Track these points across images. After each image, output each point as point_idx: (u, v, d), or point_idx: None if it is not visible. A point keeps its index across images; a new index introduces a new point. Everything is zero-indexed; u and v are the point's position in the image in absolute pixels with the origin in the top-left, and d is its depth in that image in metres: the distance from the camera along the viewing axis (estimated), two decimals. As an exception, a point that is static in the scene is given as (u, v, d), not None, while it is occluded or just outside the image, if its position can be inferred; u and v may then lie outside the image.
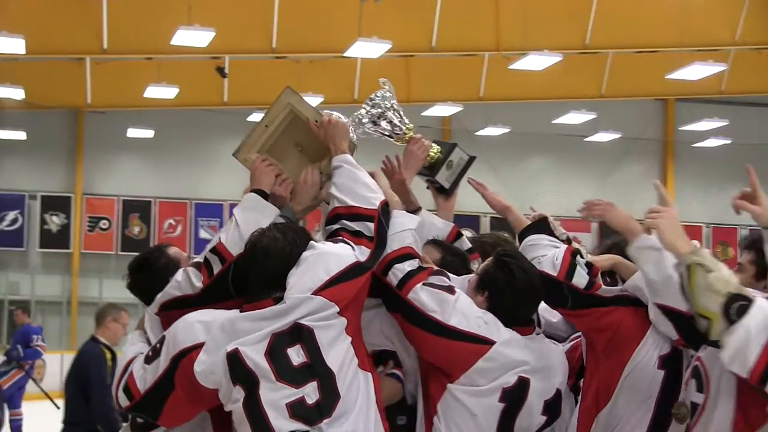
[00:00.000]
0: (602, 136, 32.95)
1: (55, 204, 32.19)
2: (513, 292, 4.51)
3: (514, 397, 4.44)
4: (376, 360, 4.70)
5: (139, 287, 5.02)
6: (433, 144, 5.67)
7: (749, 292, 3.62)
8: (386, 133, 5.48)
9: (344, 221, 4.57)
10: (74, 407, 9.16)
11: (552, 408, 4.59)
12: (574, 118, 30.89)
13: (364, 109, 5.44)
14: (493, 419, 4.43)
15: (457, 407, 4.40)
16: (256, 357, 4.11)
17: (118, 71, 27.70)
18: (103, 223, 32.37)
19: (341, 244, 4.43)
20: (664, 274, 4.27)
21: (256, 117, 5.59)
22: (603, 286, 4.72)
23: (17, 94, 26.76)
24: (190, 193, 32.29)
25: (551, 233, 4.98)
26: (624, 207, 4.63)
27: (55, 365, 27.53)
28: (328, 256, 4.30)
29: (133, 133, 30.72)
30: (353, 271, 4.32)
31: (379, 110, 5.41)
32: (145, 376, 4.44)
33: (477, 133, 32.23)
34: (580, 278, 4.68)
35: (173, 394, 4.32)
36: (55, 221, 32.16)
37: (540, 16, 25.49)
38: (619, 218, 4.75)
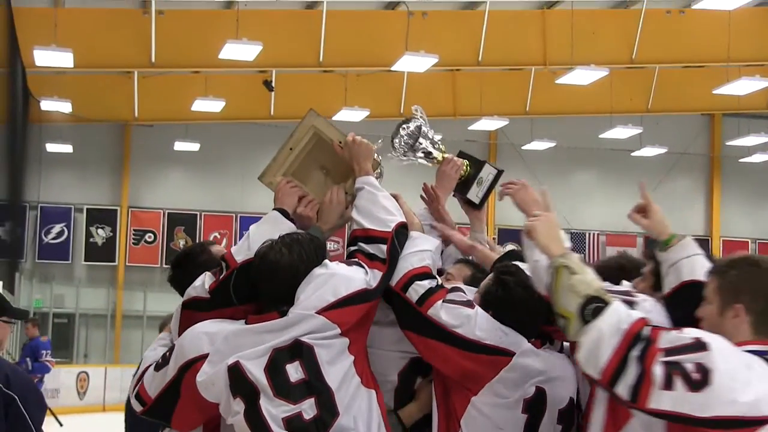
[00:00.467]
0: (648, 151, 32.77)
1: (101, 217, 32.43)
2: (514, 308, 4.50)
3: (535, 408, 4.43)
4: (415, 368, 4.69)
5: (177, 281, 5.05)
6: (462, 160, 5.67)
7: (610, 296, 3.69)
8: (420, 161, 5.50)
9: (361, 243, 4.60)
10: (140, 420, 9.04)
11: (566, 417, 4.55)
12: (621, 132, 30.73)
13: (397, 140, 5.44)
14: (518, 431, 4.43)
15: (482, 420, 4.38)
16: (256, 371, 4.17)
17: (166, 85, 27.89)
18: (149, 236, 32.58)
19: (354, 267, 4.45)
20: (531, 260, 4.34)
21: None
22: None
23: (65, 107, 27.00)
24: (235, 207, 32.43)
25: (523, 261, 5.00)
26: (671, 222, 4.61)
27: (99, 378, 27.71)
28: (338, 278, 4.31)
29: (179, 146, 30.91)
30: (361, 296, 4.33)
31: (413, 139, 5.43)
32: (153, 383, 4.55)
33: (523, 147, 32.25)
34: None
35: (180, 401, 4.41)
36: (100, 234, 32.38)
37: (587, 30, 25.43)
38: (523, 200, 4.80)
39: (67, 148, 30.21)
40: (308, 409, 4.11)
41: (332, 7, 24.76)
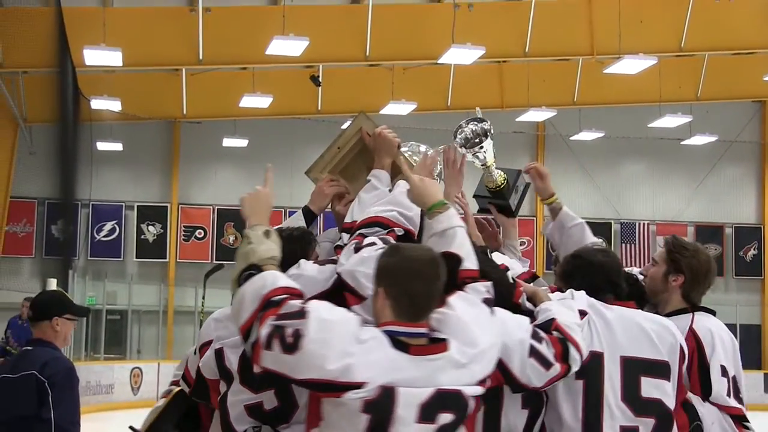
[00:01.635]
0: (698, 140, 32.45)
1: (152, 214, 32.66)
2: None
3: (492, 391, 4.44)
4: None
5: None
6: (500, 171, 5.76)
7: (270, 267, 4.05)
8: (478, 160, 5.54)
9: (344, 236, 4.76)
10: None
11: (533, 400, 4.55)
12: (670, 121, 30.50)
13: (463, 134, 5.47)
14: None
15: None
16: (232, 358, 4.44)
17: (214, 82, 28.02)
18: (199, 233, 32.76)
19: (327, 265, 4.57)
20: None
21: (350, 125, 5.62)
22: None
23: (114, 105, 27.18)
24: (284, 202, 32.20)
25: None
26: (722, 210, 4.57)
27: (152, 374, 27.87)
28: (303, 280, 4.40)
29: (228, 142, 31.08)
30: (320, 298, 4.40)
31: (477, 139, 5.47)
32: (192, 366, 4.90)
33: (571, 138, 32.12)
34: None
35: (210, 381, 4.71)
36: (151, 231, 32.60)
37: (634, 19, 25.30)
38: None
39: (117, 147, 30.45)
40: (268, 400, 4.32)
41: (378, 1, 24.81)
